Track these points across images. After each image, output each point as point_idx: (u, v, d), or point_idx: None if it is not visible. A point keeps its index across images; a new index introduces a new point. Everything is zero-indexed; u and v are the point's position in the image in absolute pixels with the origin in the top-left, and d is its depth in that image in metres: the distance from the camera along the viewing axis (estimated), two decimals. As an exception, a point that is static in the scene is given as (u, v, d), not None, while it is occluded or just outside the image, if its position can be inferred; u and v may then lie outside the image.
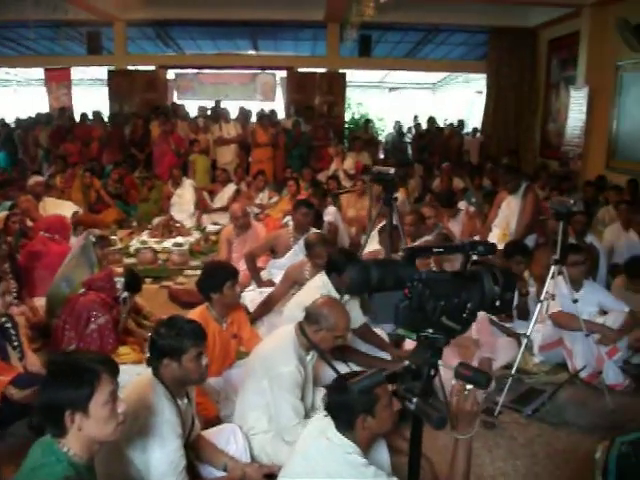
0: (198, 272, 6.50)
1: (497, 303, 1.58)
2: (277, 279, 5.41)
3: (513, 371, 4.01)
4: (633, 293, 4.84)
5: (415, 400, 1.54)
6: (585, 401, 4.13)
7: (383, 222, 5.08)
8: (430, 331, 1.53)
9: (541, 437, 3.67)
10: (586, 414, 3.95)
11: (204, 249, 7.56)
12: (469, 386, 1.75)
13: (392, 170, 4.23)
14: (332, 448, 2.30)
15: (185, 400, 2.74)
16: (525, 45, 12.72)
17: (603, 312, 4.58)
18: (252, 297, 5.30)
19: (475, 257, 1.59)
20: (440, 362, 1.59)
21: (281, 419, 3.09)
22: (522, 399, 4.04)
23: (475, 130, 14.23)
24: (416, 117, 16.06)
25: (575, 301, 4.11)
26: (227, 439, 3.06)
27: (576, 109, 10.45)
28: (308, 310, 3.27)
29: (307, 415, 3.22)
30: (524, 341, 4.09)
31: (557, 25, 11.51)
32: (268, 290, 5.27)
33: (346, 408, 2.31)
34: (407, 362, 1.59)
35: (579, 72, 10.42)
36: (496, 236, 5.95)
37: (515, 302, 4.39)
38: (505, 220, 5.84)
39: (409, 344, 4.49)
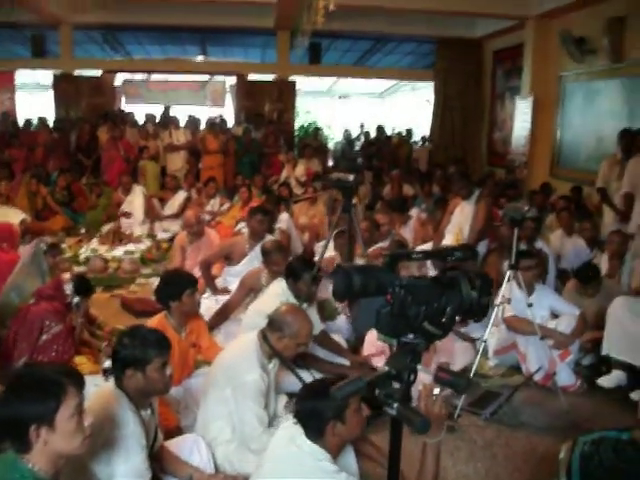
0: (150, 280, 6.49)
1: (474, 307, 1.60)
2: (232, 287, 5.38)
3: (471, 375, 4.08)
4: (584, 297, 4.98)
5: (396, 405, 1.54)
6: (540, 402, 4.23)
7: (338, 228, 5.10)
8: (411, 336, 1.54)
9: (500, 439, 3.74)
10: (542, 415, 4.05)
11: (156, 257, 7.45)
12: (437, 390, 1.77)
13: (351, 177, 4.26)
14: (302, 456, 2.29)
15: (148, 411, 2.69)
16: (471, 55, 12.99)
17: (554, 315, 4.70)
18: (208, 305, 5.23)
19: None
20: (419, 367, 1.60)
21: (245, 428, 3.07)
22: (480, 402, 4.10)
23: (424, 139, 14.47)
24: (362, 125, 16.23)
25: (530, 305, 4.21)
26: (190, 450, 3.01)
27: (521, 118, 10.72)
28: (271, 317, 3.26)
29: (270, 423, 3.20)
30: (481, 345, 4.17)
31: (502, 36, 11.80)
32: (224, 298, 5.24)
33: (316, 415, 2.30)
34: (386, 367, 1.59)
35: (524, 82, 10.69)
36: (449, 242, 6.03)
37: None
38: (458, 226, 5.93)
39: (367, 350, 4.53)
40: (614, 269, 5.43)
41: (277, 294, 4.24)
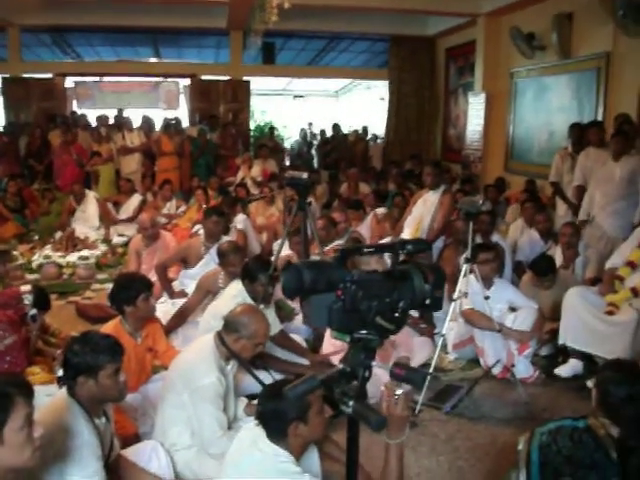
0: (106, 286, 6.36)
1: (428, 301, 1.59)
2: (190, 289, 5.31)
3: (431, 369, 4.10)
4: (540, 289, 5.05)
5: (352, 403, 1.52)
6: (500, 394, 4.27)
7: (293, 227, 5.07)
8: (364, 332, 1.52)
9: (461, 432, 3.76)
10: (502, 407, 4.09)
11: (111, 262, 7.31)
12: (399, 391, 1.76)
13: (305, 175, 4.23)
14: (265, 459, 2.25)
15: (103, 419, 2.61)
16: (424, 53, 13.09)
17: (512, 308, 4.75)
18: (165, 309, 5.15)
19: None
20: (374, 363, 1.58)
21: (205, 432, 3.01)
22: (440, 396, 4.13)
23: (375, 136, 14.54)
24: (310, 124, 16.21)
25: (487, 298, 4.25)
26: (149, 457, 2.94)
27: (475, 114, 10.86)
28: (227, 319, 3.21)
29: (230, 426, 3.16)
30: (440, 340, 4.19)
31: (454, 34, 11.91)
32: (181, 301, 5.16)
33: (278, 416, 2.27)
34: (341, 365, 1.57)
35: (476, 79, 10.82)
36: (407, 235, 6.06)
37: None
38: (419, 217, 5.97)
39: (326, 348, 4.51)
40: (568, 260, 5.53)
41: (233, 296, 4.20)
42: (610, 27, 7.35)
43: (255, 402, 3.44)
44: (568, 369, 4.47)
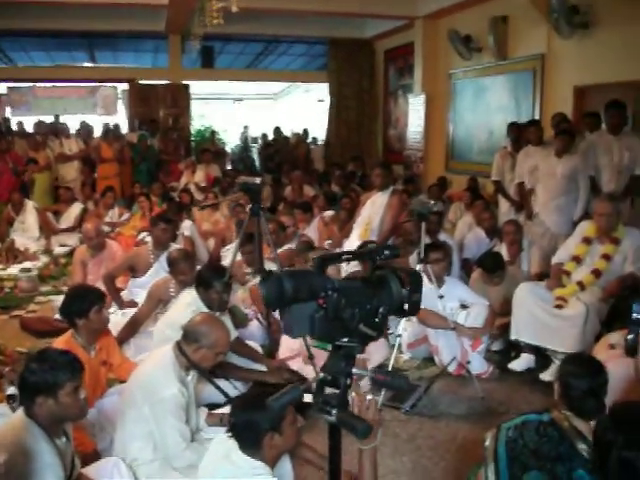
0: (50, 298, 6.17)
1: (406, 306, 1.59)
2: (139, 299, 5.22)
3: (389, 369, 4.13)
4: (489, 286, 5.16)
5: (335, 412, 1.51)
6: (456, 391, 4.35)
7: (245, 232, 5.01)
8: (345, 340, 1.51)
9: (422, 430, 3.80)
10: (459, 403, 4.17)
11: (55, 273, 7.09)
12: (369, 396, 1.76)
13: (258, 180, 4.20)
14: (238, 472, 2.22)
15: (63, 439, 2.52)
16: (363, 55, 13.20)
17: (463, 305, 4.83)
18: (115, 320, 5.01)
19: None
20: (355, 370, 1.58)
21: (168, 446, 2.95)
22: (399, 396, 4.15)
23: (314, 139, 14.58)
24: (246, 127, 16.12)
25: (441, 297, 4.32)
26: (110, 473, 2.86)
27: (415, 115, 11.01)
28: (186, 329, 3.16)
29: (192, 438, 3.11)
30: (397, 340, 4.22)
31: (392, 36, 12.06)
32: (131, 311, 5.05)
33: (252, 427, 2.25)
34: (321, 374, 1.56)
35: (416, 80, 10.98)
36: (356, 236, 6.09)
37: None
38: (368, 218, 6.00)
39: (282, 353, 4.50)
40: (513, 256, 5.67)
41: (187, 304, 4.14)
42: (544, 29, 7.59)
43: (216, 412, 3.41)
44: (521, 363, 4.58)
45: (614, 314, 4.39)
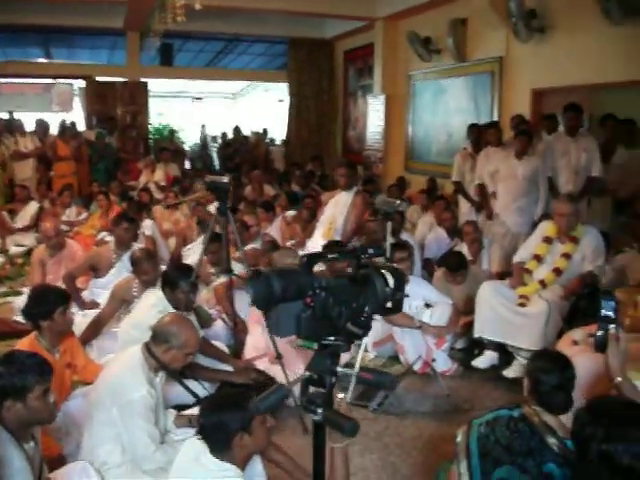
0: (6, 299, 6.02)
1: (389, 304, 1.61)
2: (101, 299, 5.14)
3: (356, 369, 4.13)
4: (452, 284, 5.23)
5: (320, 411, 1.52)
6: (422, 389, 4.40)
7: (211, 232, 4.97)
8: (332, 339, 1.52)
9: (389, 429, 3.84)
10: (425, 401, 4.23)
11: (11, 274, 6.92)
12: (340, 395, 1.78)
13: (226, 179, 4.18)
14: (209, 475, 2.20)
15: (31, 443, 2.47)
16: (323, 55, 13.25)
17: (427, 304, 4.88)
18: (76, 321, 4.90)
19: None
20: (339, 369, 1.59)
21: (137, 448, 2.92)
22: (366, 395, 4.19)
23: (273, 139, 14.56)
24: (203, 126, 16.00)
25: (406, 296, 4.33)
26: (79, 478, 2.81)
27: (374, 116, 11.09)
28: (155, 329, 3.12)
29: (161, 439, 3.07)
30: (365, 339, 4.24)
31: (352, 36, 12.13)
32: (93, 312, 4.97)
33: (221, 428, 2.23)
34: (307, 372, 1.56)
35: (375, 81, 11.06)
36: (319, 235, 6.11)
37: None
38: (332, 217, 6.02)
39: (248, 353, 4.49)
40: (474, 256, 5.75)
41: (153, 304, 4.09)
42: (503, 32, 7.73)
43: (185, 413, 3.38)
44: (485, 360, 4.67)
45: (575, 311, 4.51)
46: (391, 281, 1.60)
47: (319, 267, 4.82)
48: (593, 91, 7.12)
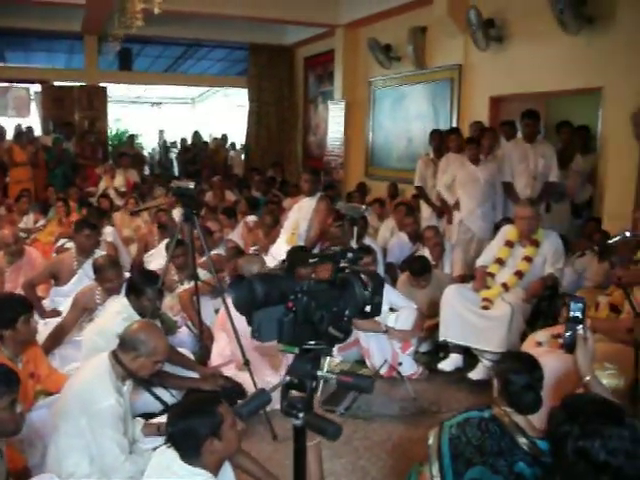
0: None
1: (368, 308, 1.63)
2: (62, 308, 5.04)
3: (323, 373, 4.15)
4: (416, 288, 5.29)
5: (302, 415, 1.53)
6: (388, 392, 4.44)
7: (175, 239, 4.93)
8: (313, 343, 1.53)
9: (358, 432, 3.86)
10: (392, 404, 4.26)
11: (-34, 282, 6.72)
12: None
13: (192, 184, 4.15)
14: None
15: (-4, 456, 2.42)
16: (283, 62, 13.29)
17: (391, 309, 4.93)
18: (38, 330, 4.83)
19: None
20: (320, 373, 1.60)
21: (106, 459, 2.86)
22: (333, 399, 4.20)
23: (233, 145, 14.51)
24: (162, 132, 15.89)
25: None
26: (46, 490, 2.76)
27: (335, 122, 11.16)
28: (123, 337, 3.08)
29: (130, 450, 3.03)
30: (332, 344, 4.25)
31: (313, 43, 12.20)
32: (54, 321, 4.87)
33: (191, 434, 2.22)
34: (287, 377, 1.57)
35: (336, 87, 11.13)
36: (283, 241, 6.11)
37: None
38: (295, 223, 6.03)
39: (214, 360, 4.47)
40: (437, 260, 5.83)
41: (117, 312, 4.04)
42: (461, 40, 7.87)
43: (153, 421, 3.34)
44: (450, 363, 4.73)
45: (537, 313, 4.61)
46: (369, 285, 1.62)
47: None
48: (549, 98, 7.28)
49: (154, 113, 20.36)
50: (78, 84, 12.51)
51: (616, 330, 3.19)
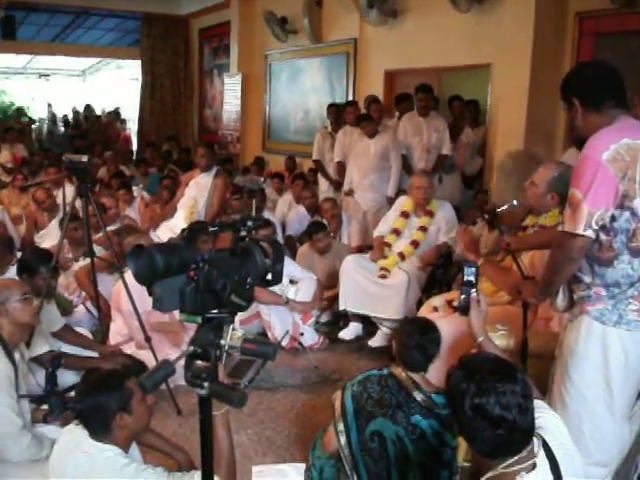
0: None
1: (269, 276, 1.65)
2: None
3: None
4: (316, 255, 5.36)
5: (207, 384, 1.54)
6: (290, 363, 4.52)
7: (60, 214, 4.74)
8: (216, 311, 1.54)
9: (262, 404, 3.91)
10: (294, 374, 4.34)
11: None
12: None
13: (85, 158, 3.99)
14: (91, 461, 2.14)
15: None
16: (178, 33, 12.94)
17: (291, 281, 4.99)
18: None
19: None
20: (223, 341, 1.61)
21: (2, 426, 2.71)
22: (236, 371, 4.19)
23: (124, 121, 14.06)
24: (50, 105, 15.20)
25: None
26: None
27: (231, 95, 11.02)
28: None
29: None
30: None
31: (208, 14, 11.91)
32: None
33: (99, 410, 2.17)
34: (191, 347, 1.57)
35: (232, 60, 10.96)
36: (181, 216, 6.02)
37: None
38: (193, 199, 5.94)
39: (113, 339, 4.38)
40: (335, 231, 5.92)
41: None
42: (357, 15, 7.92)
43: (44, 407, 3.19)
44: (350, 332, 4.86)
45: (432, 281, 4.81)
46: (270, 253, 1.64)
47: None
48: (441, 73, 7.50)
49: (42, 85, 19.31)
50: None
51: (503, 281, 3.38)
